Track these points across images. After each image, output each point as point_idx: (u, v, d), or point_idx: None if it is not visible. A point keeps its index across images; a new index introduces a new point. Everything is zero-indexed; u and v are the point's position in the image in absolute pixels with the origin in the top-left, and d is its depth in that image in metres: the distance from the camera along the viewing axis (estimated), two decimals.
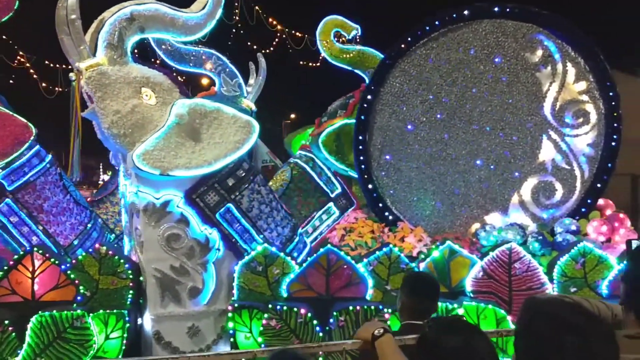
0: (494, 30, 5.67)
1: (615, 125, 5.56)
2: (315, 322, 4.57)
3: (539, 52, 5.69)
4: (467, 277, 4.89)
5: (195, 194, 4.76)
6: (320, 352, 3.89)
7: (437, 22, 5.65)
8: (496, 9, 5.62)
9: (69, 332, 4.40)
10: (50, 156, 5.40)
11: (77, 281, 4.55)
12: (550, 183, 5.72)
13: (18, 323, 4.35)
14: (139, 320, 4.82)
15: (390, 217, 5.73)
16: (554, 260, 4.91)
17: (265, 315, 4.57)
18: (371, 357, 2.28)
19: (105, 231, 5.82)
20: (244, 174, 4.99)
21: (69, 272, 4.55)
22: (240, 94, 6.96)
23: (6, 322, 4.33)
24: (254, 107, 7.02)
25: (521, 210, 5.75)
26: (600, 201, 5.74)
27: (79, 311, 4.41)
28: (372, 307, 4.62)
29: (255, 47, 6.77)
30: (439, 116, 5.71)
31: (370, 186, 5.72)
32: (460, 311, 4.73)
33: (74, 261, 4.58)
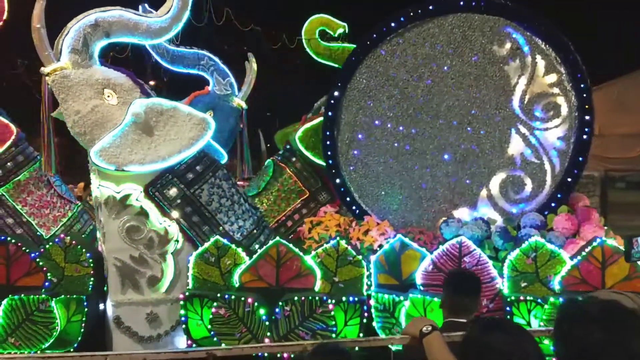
0: (461, 25, 5.61)
1: (586, 118, 5.38)
2: (262, 311, 4.74)
3: (507, 45, 5.58)
4: (417, 270, 4.91)
5: (154, 188, 5.04)
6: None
7: (402, 18, 5.66)
8: (461, 2, 5.56)
9: (35, 315, 4.80)
10: (35, 153, 5.84)
11: (45, 268, 4.94)
12: (519, 177, 5.61)
13: None
14: (102, 306, 5.15)
15: (358, 211, 5.80)
16: (507, 255, 4.85)
17: (215, 304, 4.79)
18: (417, 354, 2.30)
19: (92, 224, 6.21)
20: (203, 169, 5.23)
21: (37, 260, 4.95)
22: (231, 92, 7.24)
23: None
24: (244, 105, 7.26)
25: (490, 205, 5.68)
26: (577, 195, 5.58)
27: (44, 296, 4.80)
28: (317, 298, 4.74)
29: (226, 47, 7.01)
30: (406, 111, 5.73)
31: (338, 180, 5.82)
32: (407, 303, 4.77)
33: (42, 250, 4.97)
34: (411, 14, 5.64)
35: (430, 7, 5.62)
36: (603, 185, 15.18)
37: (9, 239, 4.98)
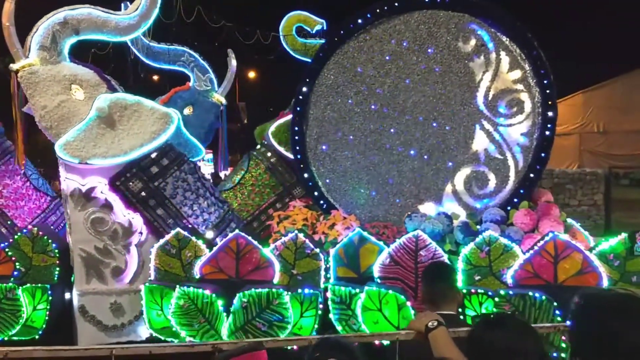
0: (426, 21, 5.65)
1: (549, 114, 5.40)
2: (220, 302, 4.84)
3: (472, 42, 5.61)
4: (375, 263, 4.97)
5: (119, 180, 5.17)
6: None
7: (368, 15, 5.71)
8: None
9: (3, 303, 4.96)
10: (12, 147, 6.01)
11: (14, 258, 5.09)
12: (483, 173, 5.64)
13: None
14: (68, 295, 5.29)
15: (326, 206, 5.88)
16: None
17: (173, 295, 4.89)
18: (422, 350, 2.31)
19: None
20: (168, 163, 5.34)
21: (7, 250, 5.10)
22: (211, 88, 7.36)
23: None
24: (224, 101, 7.36)
25: (454, 200, 5.71)
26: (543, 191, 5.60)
27: (11, 284, 4.96)
28: (274, 290, 4.82)
29: (196, 43, 7.14)
30: (372, 107, 5.79)
31: (306, 175, 5.90)
32: (363, 296, 4.83)
33: (10, 240, 5.13)
34: (377, 10, 5.69)
35: (396, 4, 5.67)
36: (607, 182, 15.14)
37: None
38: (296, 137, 5.89)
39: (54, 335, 4.99)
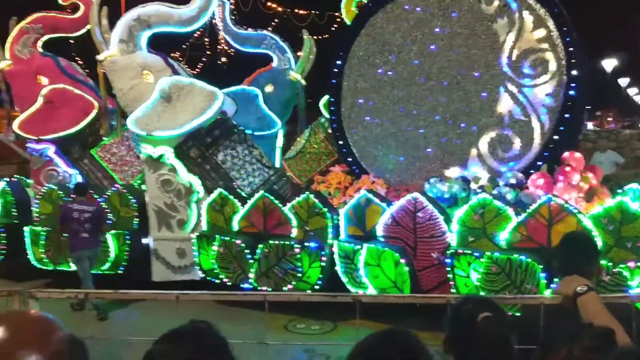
0: None
1: (574, 72, 5.13)
2: (247, 251, 5.69)
3: (495, 3, 5.48)
4: (378, 223, 5.35)
5: (181, 149, 6.28)
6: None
7: None
8: None
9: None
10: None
11: (107, 210, 6.53)
12: (507, 136, 5.56)
13: None
14: (146, 240, 6.58)
15: (358, 171, 6.33)
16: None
17: (215, 244, 5.87)
18: (568, 315, 2.19)
19: None
20: (219, 134, 6.30)
21: (103, 203, 6.56)
22: (289, 67, 8.17)
23: None
24: (299, 78, 8.06)
25: (479, 164, 5.73)
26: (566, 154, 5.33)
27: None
28: (287, 242, 5.52)
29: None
30: (400, 75, 6.04)
31: (341, 142, 6.40)
32: (364, 252, 5.26)
33: (104, 196, 6.57)
34: None
35: None
36: None
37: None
38: (332, 108, 6.41)
39: (132, 270, 6.34)
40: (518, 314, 3.33)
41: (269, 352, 2.43)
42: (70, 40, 9.51)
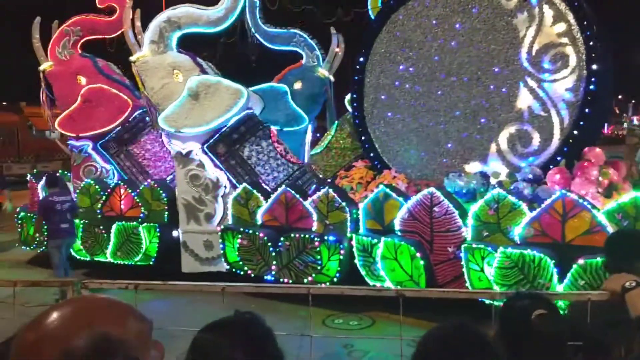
0: None
1: (594, 67, 5.08)
2: (269, 244, 5.89)
3: None
4: (396, 217, 5.44)
5: (208, 145, 6.52)
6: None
7: None
8: None
9: (132, 237, 6.75)
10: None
11: (140, 204, 6.85)
12: (527, 131, 5.54)
13: None
14: (176, 233, 6.87)
15: (380, 166, 6.43)
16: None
17: (239, 236, 6.10)
18: (614, 310, 2.16)
19: None
20: (245, 130, 6.51)
21: (135, 197, 6.88)
22: (317, 64, 8.32)
23: None
24: (327, 74, 8.21)
25: (499, 159, 5.74)
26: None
27: (136, 223, 6.73)
28: (307, 235, 5.68)
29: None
30: (421, 71, 6.10)
31: (363, 138, 6.52)
32: (381, 245, 5.36)
33: (137, 190, 6.89)
34: None
35: None
36: None
37: (120, 182, 7.03)
38: (355, 104, 6.52)
39: (162, 262, 6.64)
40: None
41: (310, 345, 2.47)
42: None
